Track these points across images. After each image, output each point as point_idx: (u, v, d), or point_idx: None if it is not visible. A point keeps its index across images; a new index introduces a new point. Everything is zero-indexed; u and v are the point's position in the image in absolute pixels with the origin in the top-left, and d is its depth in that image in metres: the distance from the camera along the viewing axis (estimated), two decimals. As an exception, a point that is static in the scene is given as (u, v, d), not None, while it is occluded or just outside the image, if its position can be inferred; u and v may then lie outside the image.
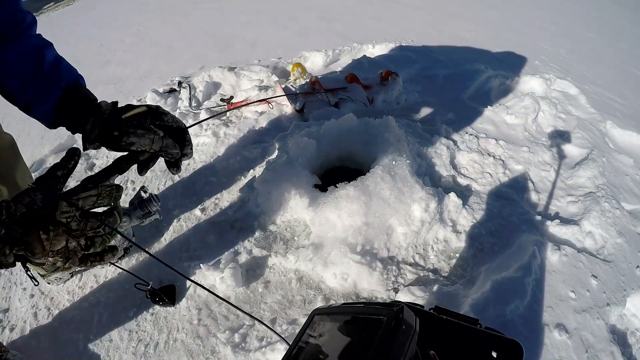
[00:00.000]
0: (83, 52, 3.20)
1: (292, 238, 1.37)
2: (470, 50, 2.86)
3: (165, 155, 0.70)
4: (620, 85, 2.71)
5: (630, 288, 1.24)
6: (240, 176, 1.60)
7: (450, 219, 1.37)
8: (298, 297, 1.18)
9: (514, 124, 1.97)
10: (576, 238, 1.37)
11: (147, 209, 0.88)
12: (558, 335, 1.06)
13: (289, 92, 1.99)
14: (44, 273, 1.21)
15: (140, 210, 0.88)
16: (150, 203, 0.89)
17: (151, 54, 2.93)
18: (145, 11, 4.11)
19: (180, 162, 0.76)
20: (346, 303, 0.64)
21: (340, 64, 2.62)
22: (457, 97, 2.19)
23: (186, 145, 0.73)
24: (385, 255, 1.26)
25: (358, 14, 3.65)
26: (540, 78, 2.40)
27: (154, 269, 1.28)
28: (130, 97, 2.23)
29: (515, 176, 1.63)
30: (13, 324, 1.17)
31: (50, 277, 1.22)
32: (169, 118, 0.71)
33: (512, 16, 3.96)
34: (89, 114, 0.65)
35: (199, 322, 1.13)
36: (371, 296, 1.18)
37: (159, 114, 0.70)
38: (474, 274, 1.23)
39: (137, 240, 1.37)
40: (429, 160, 1.63)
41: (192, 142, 0.74)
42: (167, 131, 0.70)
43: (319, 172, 1.58)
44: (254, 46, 2.92)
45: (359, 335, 0.46)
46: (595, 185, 1.59)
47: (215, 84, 2.29)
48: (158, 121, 0.70)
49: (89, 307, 1.19)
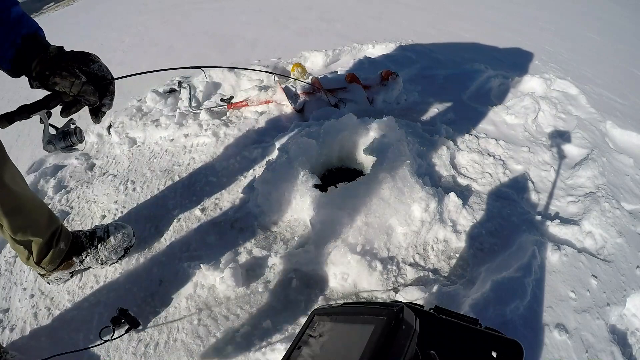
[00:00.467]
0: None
1: (292, 238, 1.37)
2: (470, 50, 2.86)
3: (84, 100, 0.79)
4: (620, 85, 2.71)
5: (630, 288, 1.24)
6: (240, 176, 1.60)
7: (450, 219, 1.37)
8: (298, 297, 1.18)
9: (514, 124, 1.97)
10: (576, 238, 1.37)
11: (69, 141, 0.88)
12: (558, 335, 1.06)
13: (289, 92, 1.99)
14: (44, 272, 1.21)
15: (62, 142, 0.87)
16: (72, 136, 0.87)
17: (151, 54, 2.93)
18: (145, 11, 4.11)
19: (100, 112, 0.84)
20: (346, 303, 0.64)
21: (340, 64, 2.61)
22: (457, 97, 2.19)
23: (107, 96, 0.82)
24: (385, 255, 1.26)
25: (358, 14, 3.64)
26: (540, 78, 2.40)
27: (154, 269, 1.28)
28: (130, 97, 2.23)
29: (515, 176, 1.63)
30: (13, 324, 1.17)
31: (50, 277, 1.23)
32: (95, 66, 0.80)
33: (512, 16, 3.96)
34: (37, 56, 0.76)
35: (199, 322, 1.13)
36: (371, 296, 1.18)
37: (88, 61, 0.79)
38: (474, 274, 1.23)
39: (137, 239, 1.37)
40: (429, 160, 1.63)
41: (115, 94, 0.85)
42: (92, 79, 0.79)
43: (319, 172, 1.58)
44: (254, 46, 2.92)
45: (359, 335, 0.46)
46: (595, 185, 1.59)
47: (215, 84, 2.29)
48: (85, 67, 0.79)
49: (89, 307, 1.20)
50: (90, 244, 1.24)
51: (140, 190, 1.58)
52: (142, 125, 1.91)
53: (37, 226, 1.10)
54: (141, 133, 1.88)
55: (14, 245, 1.11)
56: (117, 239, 1.26)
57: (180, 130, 1.86)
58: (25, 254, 1.12)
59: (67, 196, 1.60)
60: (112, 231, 1.27)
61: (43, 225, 1.12)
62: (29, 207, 1.07)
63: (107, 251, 1.25)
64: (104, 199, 1.56)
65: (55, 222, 1.18)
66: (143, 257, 1.32)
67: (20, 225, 1.05)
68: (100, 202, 1.55)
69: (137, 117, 1.99)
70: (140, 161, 1.73)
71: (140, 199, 1.54)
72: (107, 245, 1.25)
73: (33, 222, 1.08)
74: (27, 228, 1.07)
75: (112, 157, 1.79)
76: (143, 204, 1.52)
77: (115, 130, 1.90)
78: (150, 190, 1.58)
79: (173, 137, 1.84)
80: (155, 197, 1.54)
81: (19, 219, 1.04)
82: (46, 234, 1.13)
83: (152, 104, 2.10)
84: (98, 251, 1.24)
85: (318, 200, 1.32)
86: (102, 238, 1.25)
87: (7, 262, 1.36)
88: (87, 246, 1.24)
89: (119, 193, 1.57)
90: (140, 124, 1.93)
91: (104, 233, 1.27)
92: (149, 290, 1.23)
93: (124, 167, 1.71)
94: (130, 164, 1.73)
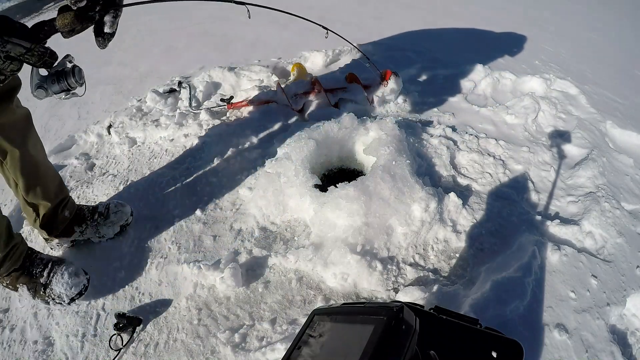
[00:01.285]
0: (83, 52, 3.19)
1: (292, 238, 1.37)
2: (471, 50, 2.86)
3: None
4: (620, 85, 2.71)
5: (630, 288, 1.24)
6: (240, 176, 1.60)
7: (450, 219, 1.37)
8: (298, 297, 1.18)
9: (514, 124, 1.97)
10: (576, 238, 1.36)
11: (64, 84, 0.73)
12: (558, 335, 1.06)
13: (289, 92, 1.99)
14: (47, 237, 1.30)
15: (56, 84, 0.73)
16: (69, 77, 0.72)
17: (151, 54, 2.93)
18: (145, 11, 4.11)
19: (104, 33, 0.76)
20: (346, 303, 0.64)
21: (340, 64, 2.61)
22: (457, 97, 2.19)
23: (109, 13, 0.76)
24: (385, 255, 1.26)
25: (358, 14, 3.64)
26: (540, 78, 2.40)
27: (154, 269, 1.28)
28: (130, 97, 2.23)
29: (515, 176, 1.63)
30: (13, 324, 1.17)
31: (52, 242, 1.33)
32: None
33: (512, 16, 3.96)
34: None
35: (199, 322, 1.13)
36: (371, 296, 1.18)
37: None
38: (474, 274, 1.23)
39: (137, 240, 1.37)
40: (429, 160, 1.63)
41: (120, 17, 0.78)
42: None
43: (319, 172, 1.58)
44: (254, 46, 2.92)
45: (359, 335, 0.46)
46: (595, 185, 1.59)
47: (215, 84, 2.29)
48: None
49: (89, 307, 1.19)
50: (92, 217, 1.35)
51: (140, 190, 1.58)
52: (142, 125, 1.91)
53: (48, 191, 1.21)
54: (141, 133, 1.88)
55: (24, 207, 1.22)
56: (116, 216, 1.36)
57: (180, 130, 1.86)
58: (33, 216, 1.23)
59: (67, 196, 1.60)
60: (112, 209, 1.38)
61: (53, 192, 1.23)
62: (43, 172, 1.19)
63: (106, 226, 1.35)
64: (104, 199, 1.55)
65: (64, 191, 1.30)
66: (143, 257, 1.33)
67: (32, 187, 1.16)
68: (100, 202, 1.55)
69: (137, 117, 1.99)
70: (140, 161, 1.73)
71: (140, 199, 1.54)
72: (106, 221, 1.35)
73: (44, 187, 1.19)
74: (38, 191, 1.18)
75: (112, 157, 1.79)
76: (143, 204, 1.52)
77: (115, 130, 1.90)
78: (150, 190, 1.58)
79: (173, 137, 1.84)
80: (155, 197, 1.54)
81: (32, 180, 1.15)
82: (54, 200, 1.24)
83: (152, 104, 2.10)
84: (97, 225, 1.34)
85: (318, 200, 1.32)
86: (102, 214, 1.36)
87: (7, 262, 1.36)
88: (88, 219, 1.34)
89: (119, 193, 1.57)
90: (140, 124, 1.93)
91: (105, 209, 1.37)
92: (148, 291, 1.23)
93: (124, 167, 1.71)
94: (130, 164, 1.73)
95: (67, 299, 1.17)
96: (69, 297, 1.17)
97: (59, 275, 1.17)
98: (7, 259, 1.11)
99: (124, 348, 1.07)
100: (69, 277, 1.18)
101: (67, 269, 1.19)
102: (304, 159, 1.44)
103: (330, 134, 1.55)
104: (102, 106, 2.21)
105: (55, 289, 1.16)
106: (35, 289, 1.17)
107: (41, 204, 1.21)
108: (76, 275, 1.20)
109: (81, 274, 1.22)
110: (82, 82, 0.76)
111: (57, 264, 1.20)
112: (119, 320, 1.10)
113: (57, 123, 2.06)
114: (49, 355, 1.08)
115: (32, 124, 1.13)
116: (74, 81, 0.72)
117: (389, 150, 1.42)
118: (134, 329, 1.10)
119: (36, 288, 1.17)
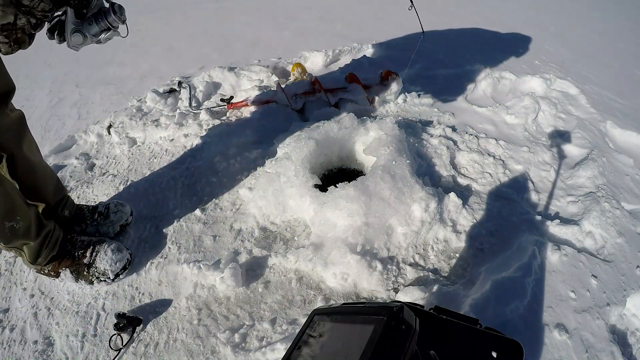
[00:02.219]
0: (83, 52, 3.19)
1: (292, 238, 1.37)
2: (471, 50, 2.86)
3: None
4: (620, 85, 2.71)
5: (630, 288, 1.24)
6: (240, 176, 1.60)
7: (450, 219, 1.37)
8: (298, 297, 1.18)
9: (514, 124, 1.97)
10: (576, 238, 1.37)
11: (105, 22, 0.67)
12: (558, 335, 1.06)
13: (289, 92, 1.99)
14: None
15: (95, 25, 0.68)
16: (110, 14, 0.67)
17: (151, 54, 2.93)
18: (145, 11, 4.11)
19: None
20: (346, 303, 0.64)
21: (340, 64, 2.61)
22: (457, 97, 2.19)
23: None
24: (385, 255, 1.26)
25: (358, 14, 3.65)
26: (540, 78, 2.40)
27: (154, 269, 1.28)
28: (130, 97, 2.23)
29: (515, 176, 1.63)
30: (13, 324, 1.17)
31: None
32: None
33: (512, 16, 3.96)
34: None
35: (199, 322, 1.13)
36: (371, 296, 1.18)
37: None
38: (474, 274, 1.23)
39: (137, 240, 1.37)
40: (429, 160, 1.63)
41: None
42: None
43: (319, 172, 1.58)
44: (254, 46, 2.92)
45: (359, 335, 0.46)
46: (595, 185, 1.59)
47: (215, 84, 2.29)
48: None
49: (89, 307, 1.19)
50: (91, 217, 1.36)
51: (140, 191, 1.58)
52: (142, 125, 1.91)
53: (46, 191, 1.23)
54: (141, 133, 1.88)
55: None
56: (115, 216, 1.36)
57: (180, 130, 1.86)
58: None
59: (67, 196, 1.60)
60: (112, 209, 1.38)
61: (50, 192, 1.25)
62: (40, 173, 1.20)
63: (106, 226, 1.35)
64: (104, 199, 1.55)
65: (62, 191, 1.32)
66: (143, 257, 1.33)
67: (30, 187, 1.16)
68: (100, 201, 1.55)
69: (137, 117, 1.99)
70: (140, 161, 1.73)
71: (140, 199, 1.54)
72: (106, 221, 1.35)
73: (42, 187, 1.21)
74: (36, 191, 1.19)
75: (112, 157, 1.79)
76: (143, 204, 1.52)
77: (115, 130, 1.90)
78: (150, 190, 1.58)
79: (173, 137, 1.84)
80: (155, 197, 1.54)
81: (29, 182, 1.15)
82: (53, 200, 1.26)
83: (152, 104, 2.10)
84: (97, 225, 1.35)
85: (318, 200, 1.32)
86: (102, 213, 1.37)
87: (7, 262, 1.36)
88: (88, 219, 1.35)
89: (119, 193, 1.57)
90: (140, 124, 1.93)
91: (105, 209, 1.38)
92: (148, 291, 1.23)
93: (124, 167, 1.71)
94: (130, 164, 1.73)
95: (112, 274, 1.21)
96: (113, 273, 1.21)
97: (102, 253, 1.21)
98: (44, 248, 1.14)
99: (124, 348, 1.07)
100: (112, 253, 1.21)
101: (109, 246, 1.22)
102: (304, 159, 1.44)
103: (330, 134, 1.55)
104: (102, 106, 2.21)
105: (99, 266, 1.20)
106: (79, 270, 1.21)
107: (39, 206, 1.21)
108: (119, 251, 1.23)
109: (123, 249, 1.25)
110: (124, 19, 0.70)
111: (99, 243, 1.24)
112: (119, 320, 1.10)
113: (57, 123, 2.06)
114: (49, 355, 1.08)
115: (26, 126, 1.15)
116: (115, 18, 0.67)
117: (389, 150, 1.42)
118: (134, 329, 1.10)
119: (79, 270, 1.21)
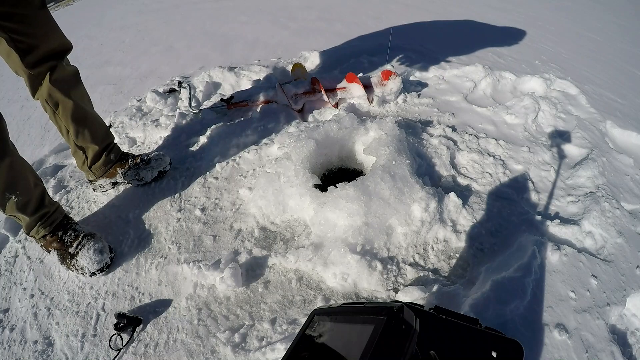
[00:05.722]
0: (83, 52, 3.20)
1: (292, 238, 1.37)
2: (470, 50, 2.86)
3: None
4: (620, 85, 2.71)
5: (630, 288, 1.24)
6: (240, 176, 1.60)
7: (450, 219, 1.36)
8: (298, 297, 1.18)
9: (514, 124, 1.97)
10: (576, 238, 1.36)
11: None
12: (558, 335, 1.06)
13: (289, 92, 1.99)
14: (92, 178, 1.50)
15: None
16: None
17: (151, 54, 2.93)
18: (145, 11, 4.11)
19: None
20: (346, 303, 0.64)
21: (340, 64, 2.61)
22: (457, 97, 2.19)
23: None
24: (385, 255, 1.26)
25: (358, 14, 3.65)
26: (540, 78, 2.40)
27: (154, 269, 1.28)
28: (130, 97, 2.23)
29: (515, 176, 1.63)
30: (13, 324, 1.17)
31: (96, 183, 1.53)
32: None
33: (512, 16, 3.96)
34: None
35: (199, 322, 1.13)
36: (371, 296, 1.18)
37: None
38: (474, 274, 1.23)
39: (137, 240, 1.37)
40: (429, 160, 1.63)
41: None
42: None
43: (319, 172, 1.58)
44: (254, 46, 2.92)
45: (359, 335, 0.46)
46: (595, 185, 1.59)
47: (215, 84, 2.29)
48: None
49: (89, 307, 1.20)
50: (134, 161, 1.53)
51: (139, 191, 1.58)
52: (142, 125, 1.91)
53: (95, 136, 1.41)
54: (141, 133, 1.88)
55: (74, 150, 1.42)
56: (156, 162, 1.55)
57: (180, 130, 1.86)
58: (82, 158, 1.44)
59: (67, 196, 1.60)
60: (153, 157, 1.56)
61: (100, 137, 1.43)
62: (91, 120, 1.39)
63: (146, 169, 1.53)
64: (104, 199, 1.56)
65: (110, 137, 1.50)
66: (143, 257, 1.33)
67: (81, 132, 1.36)
68: (100, 202, 1.55)
69: (137, 117, 1.99)
70: (140, 161, 1.73)
71: (139, 199, 1.54)
72: (147, 165, 1.53)
73: (92, 132, 1.39)
74: (87, 135, 1.38)
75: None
76: (143, 204, 1.52)
77: (115, 130, 1.90)
78: (149, 191, 1.58)
79: (173, 137, 1.84)
80: (155, 197, 1.54)
81: (81, 127, 1.35)
82: (101, 144, 1.45)
83: (152, 104, 2.11)
84: (138, 168, 1.52)
85: (318, 200, 1.32)
86: (144, 159, 1.53)
87: (7, 262, 1.37)
88: (130, 162, 1.53)
89: (118, 193, 1.57)
90: (140, 124, 1.93)
91: (147, 156, 1.55)
92: (148, 291, 1.23)
93: (124, 167, 1.71)
94: (130, 164, 1.72)
95: (89, 272, 1.26)
96: (90, 271, 1.26)
97: (85, 249, 1.26)
98: (38, 226, 1.26)
99: (124, 348, 1.07)
100: (94, 253, 1.26)
101: (94, 244, 1.27)
102: (304, 159, 1.44)
103: (330, 134, 1.55)
104: (102, 106, 2.21)
105: (80, 261, 1.26)
106: (63, 256, 1.29)
107: (89, 147, 1.41)
108: (101, 253, 1.28)
109: (105, 252, 1.29)
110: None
111: (87, 238, 1.30)
112: (119, 320, 1.10)
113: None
114: (49, 355, 1.08)
115: (80, 80, 1.34)
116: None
117: (389, 150, 1.42)
118: (134, 329, 1.10)
119: (64, 255, 1.29)
